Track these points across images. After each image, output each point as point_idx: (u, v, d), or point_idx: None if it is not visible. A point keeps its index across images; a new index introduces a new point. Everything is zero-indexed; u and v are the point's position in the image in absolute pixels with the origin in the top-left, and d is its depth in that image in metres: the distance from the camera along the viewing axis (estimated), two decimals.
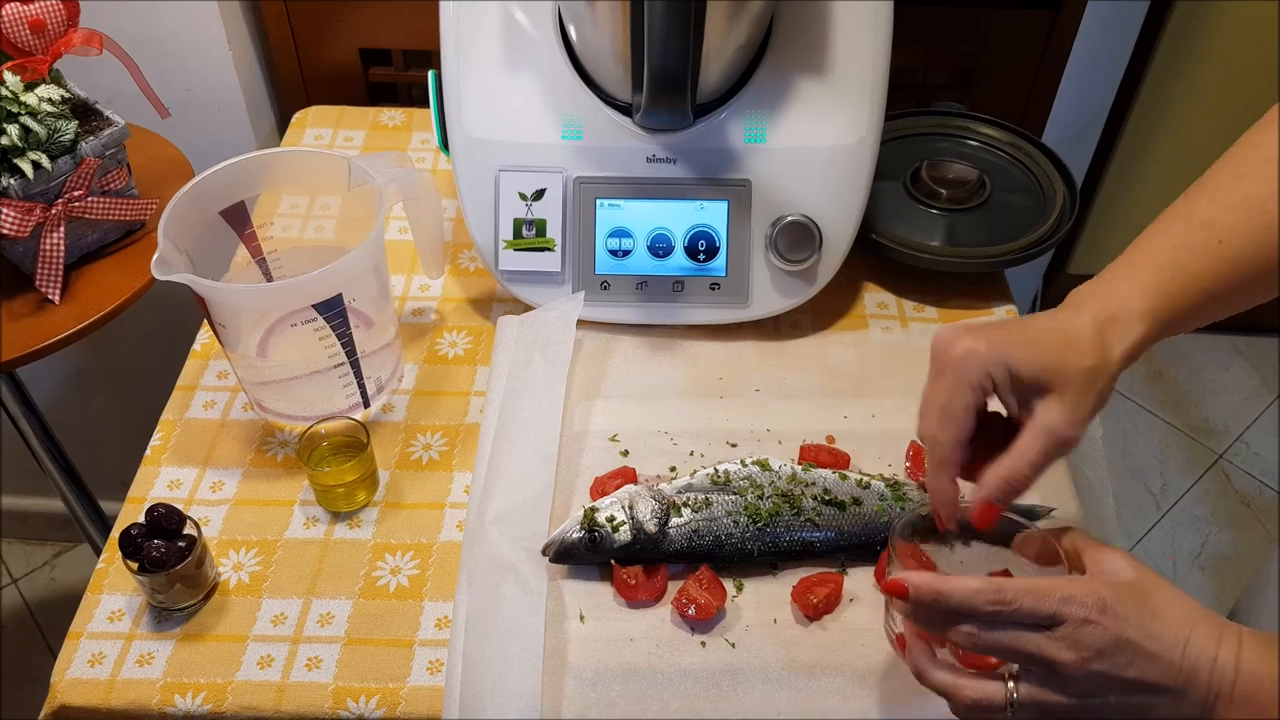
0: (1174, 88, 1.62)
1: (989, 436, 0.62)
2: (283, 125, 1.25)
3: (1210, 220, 0.61)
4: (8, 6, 0.81)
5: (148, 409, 0.93)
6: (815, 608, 0.72)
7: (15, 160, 0.81)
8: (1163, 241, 0.62)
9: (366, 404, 0.85)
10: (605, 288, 0.90)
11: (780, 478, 0.76)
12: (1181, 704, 0.53)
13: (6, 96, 0.80)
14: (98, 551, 1.23)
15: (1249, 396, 1.92)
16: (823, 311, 0.94)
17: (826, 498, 0.75)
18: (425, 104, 1.19)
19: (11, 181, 0.82)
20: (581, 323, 0.89)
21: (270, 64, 1.22)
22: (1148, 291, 0.61)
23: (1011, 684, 0.55)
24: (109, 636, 0.73)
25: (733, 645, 0.71)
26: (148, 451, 0.84)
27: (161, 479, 0.82)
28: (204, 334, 0.93)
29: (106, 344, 1.38)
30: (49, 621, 1.70)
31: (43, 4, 0.83)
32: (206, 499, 0.81)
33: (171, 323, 1.16)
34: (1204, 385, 1.96)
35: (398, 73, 1.21)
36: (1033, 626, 0.53)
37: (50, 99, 0.82)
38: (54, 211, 0.85)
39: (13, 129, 0.80)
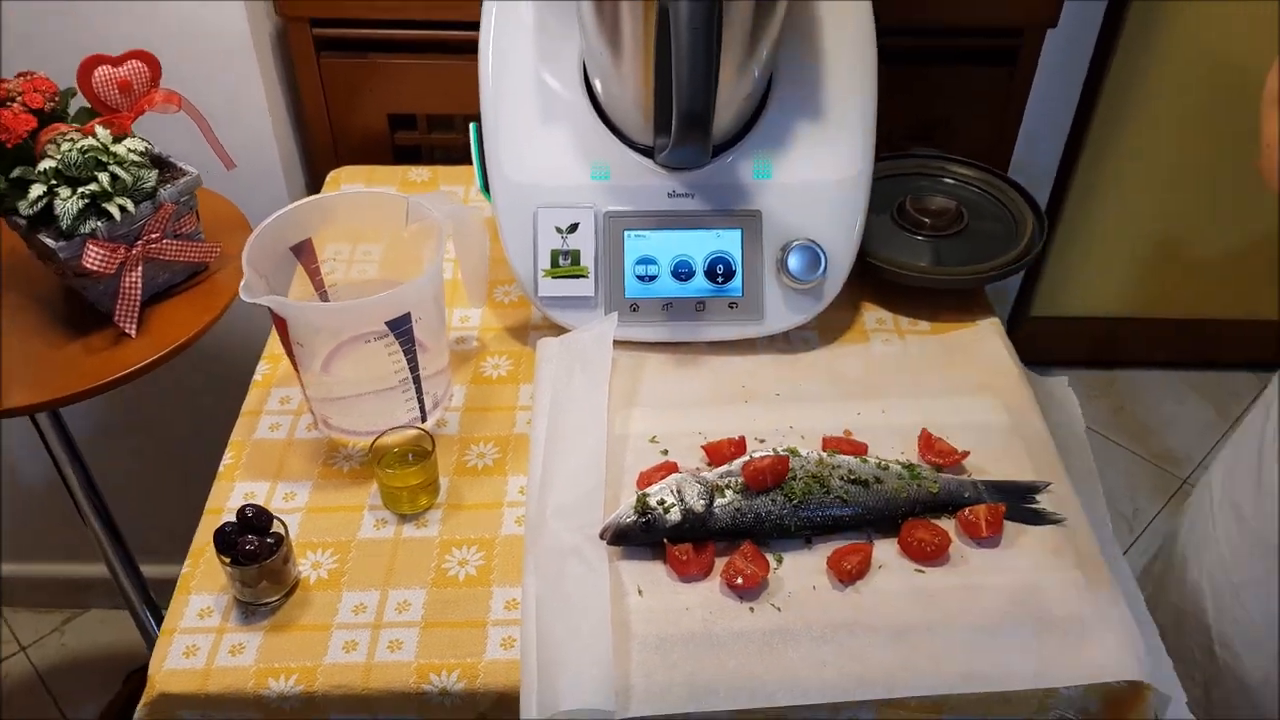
0: (1119, 130, 1.80)
1: None
2: (313, 186, 1.35)
3: None
4: (99, 69, 0.91)
5: (177, 460, 0.96)
6: (849, 573, 0.80)
7: (104, 204, 0.89)
8: None
9: (424, 419, 0.93)
10: (634, 310, 1.00)
11: (809, 462, 0.85)
12: None
13: (98, 147, 0.89)
14: (128, 603, 1.27)
15: (1207, 425, 2.05)
16: (829, 327, 1.04)
17: (852, 477, 0.84)
18: (447, 163, 1.29)
19: (99, 224, 0.90)
20: (613, 342, 0.98)
21: (303, 129, 1.32)
22: None
23: None
24: (201, 631, 0.79)
25: (778, 609, 0.78)
26: (220, 469, 0.91)
27: (236, 492, 0.89)
28: (264, 365, 1.01)
29: (142, 399, 1.42)
30: (60, 687, 1.70)
31: (130, 66, 0.92)
32: (281, 508, 0.88)
33: (213, 375, 1.22)
34: (1163, 418, 2.09)
35: (422, 135, 1.32)
36: None
37: (136, 150, 0.91)
38: (134, 251, 0.93)
39: (103, 176, 0.89)
